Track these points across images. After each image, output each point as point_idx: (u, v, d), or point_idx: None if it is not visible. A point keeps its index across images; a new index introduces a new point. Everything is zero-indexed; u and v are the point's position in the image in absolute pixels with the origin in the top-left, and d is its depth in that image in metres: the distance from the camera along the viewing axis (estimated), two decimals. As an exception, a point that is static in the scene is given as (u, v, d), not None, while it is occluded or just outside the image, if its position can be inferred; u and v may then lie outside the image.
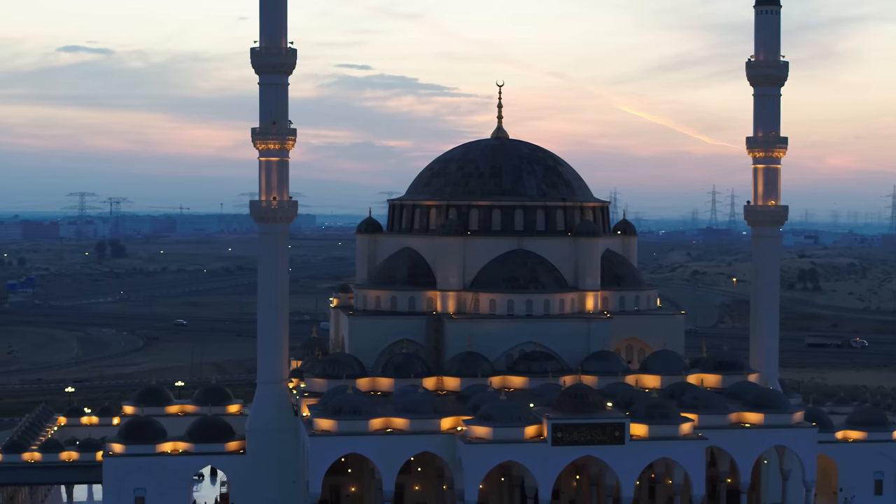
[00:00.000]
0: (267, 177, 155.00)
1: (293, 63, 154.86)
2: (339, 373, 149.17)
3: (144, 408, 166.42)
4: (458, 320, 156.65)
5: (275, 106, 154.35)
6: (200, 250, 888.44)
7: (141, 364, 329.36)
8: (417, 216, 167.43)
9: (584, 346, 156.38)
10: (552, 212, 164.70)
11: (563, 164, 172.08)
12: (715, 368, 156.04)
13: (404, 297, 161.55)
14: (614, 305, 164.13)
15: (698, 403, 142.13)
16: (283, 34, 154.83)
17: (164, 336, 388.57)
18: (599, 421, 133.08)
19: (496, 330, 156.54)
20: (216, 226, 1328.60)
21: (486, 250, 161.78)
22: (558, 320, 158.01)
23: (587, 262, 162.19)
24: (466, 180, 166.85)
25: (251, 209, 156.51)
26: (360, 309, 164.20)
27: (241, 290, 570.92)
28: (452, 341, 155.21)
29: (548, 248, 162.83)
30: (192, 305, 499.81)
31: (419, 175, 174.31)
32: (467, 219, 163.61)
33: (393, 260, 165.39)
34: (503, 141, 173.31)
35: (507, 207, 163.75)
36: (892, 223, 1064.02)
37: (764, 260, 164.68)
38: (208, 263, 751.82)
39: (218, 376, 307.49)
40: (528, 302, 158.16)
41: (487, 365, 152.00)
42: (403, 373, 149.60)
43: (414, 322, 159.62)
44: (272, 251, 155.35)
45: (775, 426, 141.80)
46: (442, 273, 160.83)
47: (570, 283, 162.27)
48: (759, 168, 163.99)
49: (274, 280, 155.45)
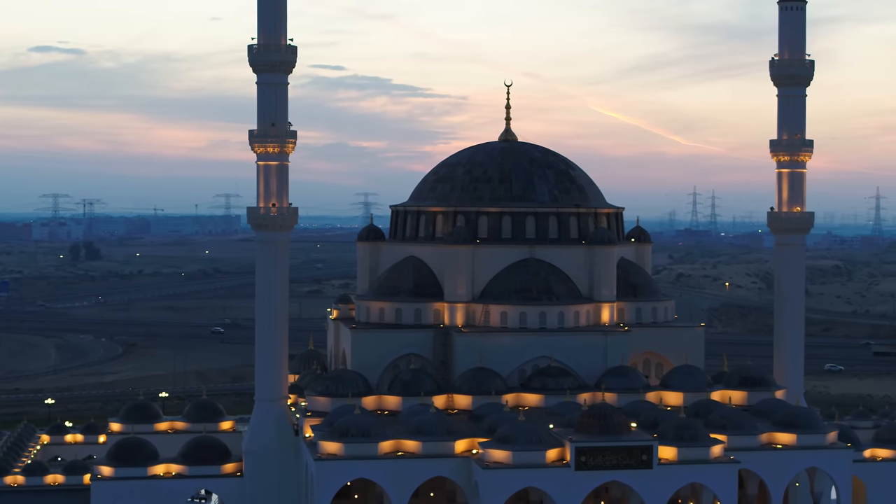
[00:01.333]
0: (265, 182, 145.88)
1: (293, 61, 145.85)
2: (344, 391, 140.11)
3: (132, 425, 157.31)
4: (467, 334, 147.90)
5: (274, 107, 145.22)
6: (176, 252, 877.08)
7: (121, 372, 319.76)
8: (422, 223, 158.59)
9: (600, 361, 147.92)
10: (565, 218, 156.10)
11: (575, 168, 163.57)
12: (740, 384, 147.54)
13: (409, 308, 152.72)
14: (630, 317, 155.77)
15: (727, 423, 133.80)
16: (282, 31, 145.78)
17: (142, 342, 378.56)
18: (625, 444, 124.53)
19: (508, 344, 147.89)
20: (191, 227, 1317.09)
21: (496, 259, 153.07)
22: (573, 334, 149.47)
23: (602, 272, 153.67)
24: (474, 185, 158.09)
25: (248, 216, 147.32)
26: (362, 321, 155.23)
27: (220, 293, 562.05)
28: (461, 356, 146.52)
29: (561, 256, 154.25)
30: (171, 310, 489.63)
31: (423, 180, 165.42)
32: (476, 226, 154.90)
33: (397, 269, 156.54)
34: (512, 144, 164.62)
35: (517, 214, 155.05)
36: (875, 225, 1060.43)
37: (789, 270, 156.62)
38: (185, 266, 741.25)
39: (202, 386, 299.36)
40: (541, 314, 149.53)
41: (500, 382, 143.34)
42: (412, 390, 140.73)
43: (420, 336, 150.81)
44: (271, 261, 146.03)
45: (809, 447, 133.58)
46: (450, 284, 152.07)
47: (584, 293, 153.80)
48: (784, 173, 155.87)
49: (273, 291, 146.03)
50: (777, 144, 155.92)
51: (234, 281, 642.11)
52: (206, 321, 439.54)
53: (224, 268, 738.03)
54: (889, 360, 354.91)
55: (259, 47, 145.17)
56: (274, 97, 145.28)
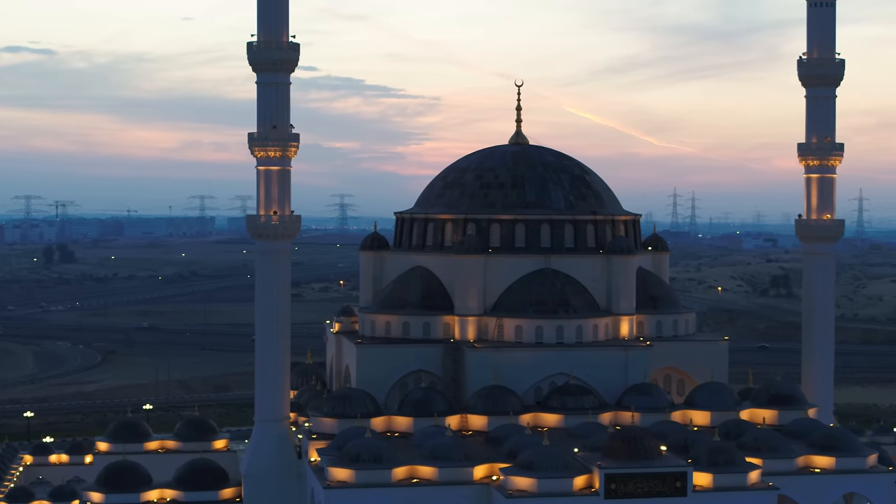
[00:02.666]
0: (266, 188, 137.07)
1: (296, 59, 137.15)
2: (352, 411, 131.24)
3: (120, 444, 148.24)
4: (480, 349, 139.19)
5: (275, 108, 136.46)
6: (151, 255, 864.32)
7: (101, 381, 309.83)
8: (430, 231, 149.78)
9: (621, 378, 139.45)
10: (582, 227, 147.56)
11: (591, 174, 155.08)
12: (769, 402, 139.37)
13: (417, 322, 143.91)
14: (650, 331, 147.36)
15: (761, 446, 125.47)
16: (283, 27, 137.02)
17: (121, 350, 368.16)
18: (658, 470, 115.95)
19: (523, 360, 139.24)
20: (165, 229, 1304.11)
21: (510, 270, 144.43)
22: (592, 349, 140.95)
23: (622, 283, 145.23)
24: (485, 192, 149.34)
25: (248, 225, 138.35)
26: (367, 336, 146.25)
27: (197, 297, 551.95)
28: (474, 373, 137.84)
29: (577, 267, 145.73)
30: (149, 315, 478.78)
31: (430, 185, 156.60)
32: (487, 234, 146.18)
33: (403, 281, 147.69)
34: (523, 147, 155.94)
35: (531, 222, 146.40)
36: (858, 227, 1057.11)
37: (818, 280, 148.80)
38: (160, 269, 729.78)
39: (187, 396, 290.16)
40: (558, 328, 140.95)
41: (517, 401, 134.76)
42: (424, 411, 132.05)
43: (429, 351, 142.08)
44: (273, 272, 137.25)
45: (848, 471, 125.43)
46: (460, 295, 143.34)
47: (601, 306, 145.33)
48: (813, 178, 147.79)
49: (275, 304, 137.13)
50: (806, 148, 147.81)
51: (212, 284, 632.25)
52: (186, 327, 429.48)
53: (201, 271, 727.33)
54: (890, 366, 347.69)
55: (259, 44, 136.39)
56: (275, 98, 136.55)
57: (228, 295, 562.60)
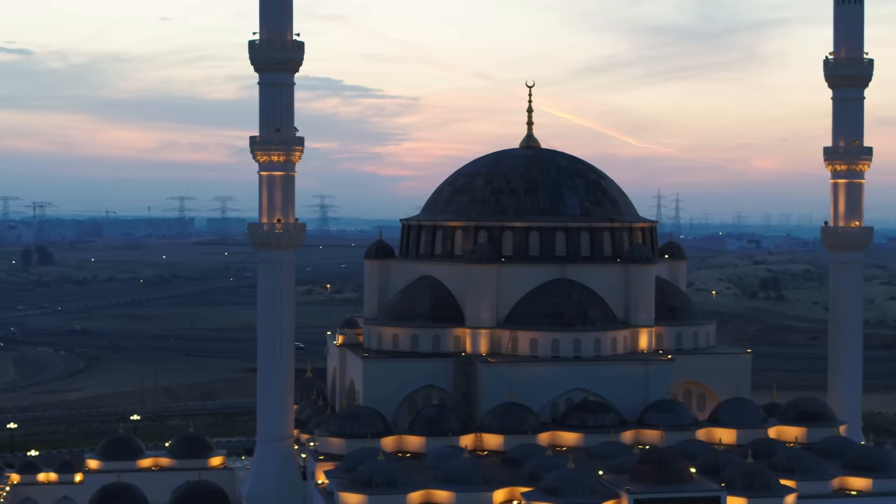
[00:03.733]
0: (269, 195, 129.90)
1: (300, 59, 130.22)
2: (361, 431, 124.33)
3: (111, 462, 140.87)
4: (494, 364, 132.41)
5: (279, 110, 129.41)
6: (130, 256, 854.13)
7: (85, 389, 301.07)
8: (439, 239, 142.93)
9: (641, 394, 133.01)
10: (598, 234, 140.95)
11: (606, 178, 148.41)
12: (797, 420, 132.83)
13: (427, 335, 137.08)
14: (670, 343, 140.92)
15: (794, 467, 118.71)
16: (287, 24, 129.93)
17: (104, 356, 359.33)
18: (691, 495, 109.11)
19: (539, 375, 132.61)
20: (144, 230, 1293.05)
21: (523, 280, 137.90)
22: (611, 363, 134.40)
23: (640, 293, 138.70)
24: (497, 197, 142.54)
25: (250, 233, 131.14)
26: (373, 349, 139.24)
27: (179, 300, 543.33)
28: (487, 389, 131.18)
29: (594, 276, 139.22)
30: (131, 319, 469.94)
31: (438, 190, 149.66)
32: (500, 243, 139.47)
33: (411, 291, 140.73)
34: (536, 151, 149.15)
35: (546, 229, 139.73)
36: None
37: (846, 290, 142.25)
38: (140, 271, 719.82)
39: (171, 404, 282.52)
40: (575, 341, 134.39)
41: (534, 419, 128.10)
42: (437, 430, 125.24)
43: (439, 365, 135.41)
44: (276, 283, 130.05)
45: (886, 493, 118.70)
46: (471, 307, 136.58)
47: (619, 317, 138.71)
48: (840, 183, 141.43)
49: (278, 318, 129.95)
50: (833, 153, 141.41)
51: (193, 287, 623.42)
52: (170, 331, 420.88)
53: (181, 273, 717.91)
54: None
55: (262, 43, 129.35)
56: (279, 99, 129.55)
57: (211, 298, 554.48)
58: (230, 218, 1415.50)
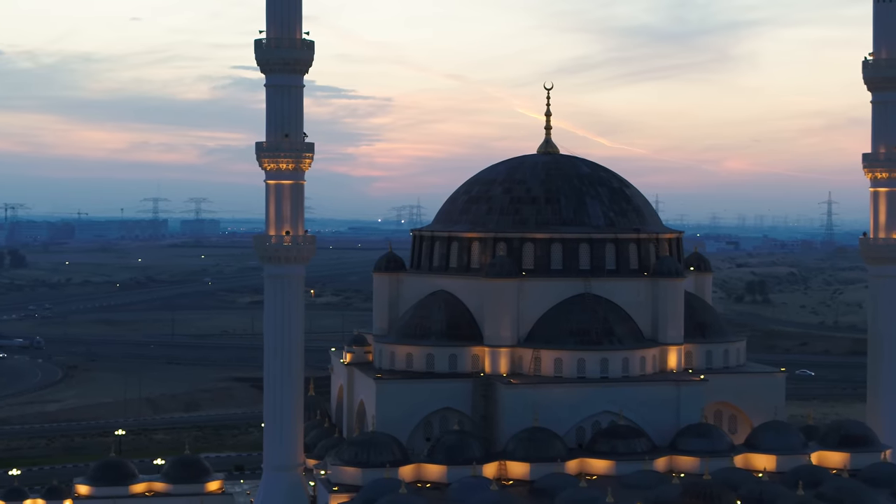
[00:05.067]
0: (277, 205, 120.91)
1: (310, 59, 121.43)
2: (378, 459, 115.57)
3: (103, 488, 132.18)
4: (517, 385, 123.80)
5: (287, 114, 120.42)
6: (104, 259, 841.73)
7: (64, 400, 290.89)
8: (454, 251, 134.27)
9: (672, 417, 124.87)
10: (623, 246, 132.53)
11: (630, 187, 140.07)
12: (840, 444, 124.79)
13: (443, 354, 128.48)
14: (699, 362, 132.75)
15: (844, 497, 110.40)
16: (296, 22, 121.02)
17: (83, 364, 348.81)
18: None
19: (564, 397, 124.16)
20: (117, 232, 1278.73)
21: (546, 295, 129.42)
22: (641, 384, 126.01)
23: (669, 309, 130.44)
24: (516, 207, 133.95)
25: (256, 246, 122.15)
26: (385, 369, 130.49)
27: (157, 305, 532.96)
28: (509, 412, 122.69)
29: (620, 291, 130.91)
30: (108, 324, 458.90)
31: (451, 199, 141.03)
32: (520, 255, 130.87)
33: (425, 307, 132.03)
34: (555, 157, 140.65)
35: (569, 241, 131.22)
36: (827, 230, 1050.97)
37: (887, 305, 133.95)
38: (115, 274, 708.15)
39: (154, 416, 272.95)
40: (602, 361, 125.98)
41: (561, 445, 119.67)
42: (458, 457, 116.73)
43: (456, 387, 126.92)
44: (284, 300, 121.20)
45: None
46: (490, 324, 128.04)
47: (646, 334, 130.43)
48: (882, 192, 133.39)
49: (286, 337, 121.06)
50: (873, 159, 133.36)
51: (170, 291, 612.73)
52: (149, 338, 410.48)
53: (157, 276, 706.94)
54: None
55: (269, 42, 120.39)
56: (287, 102, 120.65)
57: (189, 302, 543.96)
58: (204, 219, 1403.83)
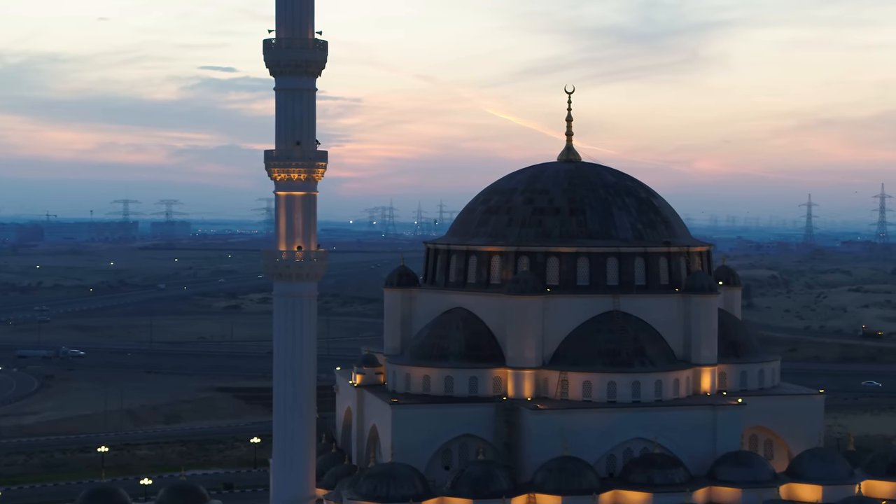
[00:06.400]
0: (288, 218, 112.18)
1: (323, 60, 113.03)
2: (398, 493, 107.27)
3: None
4: (544, 411, 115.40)
5: (299, 120, 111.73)
6: (75, 262, 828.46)
7: (41, 413, 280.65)
8: (472, 266, 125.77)
9: (708, 444, 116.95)
10: (653, 260, 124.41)
11: (657, 197, 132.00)
12: (888, 473, 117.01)
13: (462, 377, 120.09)
14: (734, 383, 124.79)
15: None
16: (308, 20, 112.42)
17: (59, 373, 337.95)
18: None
19: (594, 423, 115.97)
20: (86, 234, 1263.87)
21: (572, 313, 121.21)
22: (676, 408, 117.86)
23: (702, 327, 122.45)
24: (539, 218, 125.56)
25: (265, 262, 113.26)
26: (400, 392, 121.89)
27: (131, 310, 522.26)
28: (535, 439, 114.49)
29: (650, 308, 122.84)
30: (83, 331, 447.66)
31: (467, 210, 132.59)
32: (544, 270, 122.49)
33: (442, 326, 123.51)
34: (577, 165, 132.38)
35: (596, 255, 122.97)
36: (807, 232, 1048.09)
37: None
38: (87, 278, 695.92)
39: (136, 429, 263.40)
40: (634, 384, 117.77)
41: (593, 476, 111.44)
42: (485, 490, 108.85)
43: (478, 412, 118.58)
44: (296, 321, 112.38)
45: None
46: (513, 344, 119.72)
47: (677, 354, 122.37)
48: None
49: (298, 362, 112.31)
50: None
51: (144, 295, 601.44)
52: (127, 346, 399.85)
53: (129, 279, 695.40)
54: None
55: (279, 42, 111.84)
56: (299, 107, 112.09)
57: (165, 307, 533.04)
58: (175, 221, 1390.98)
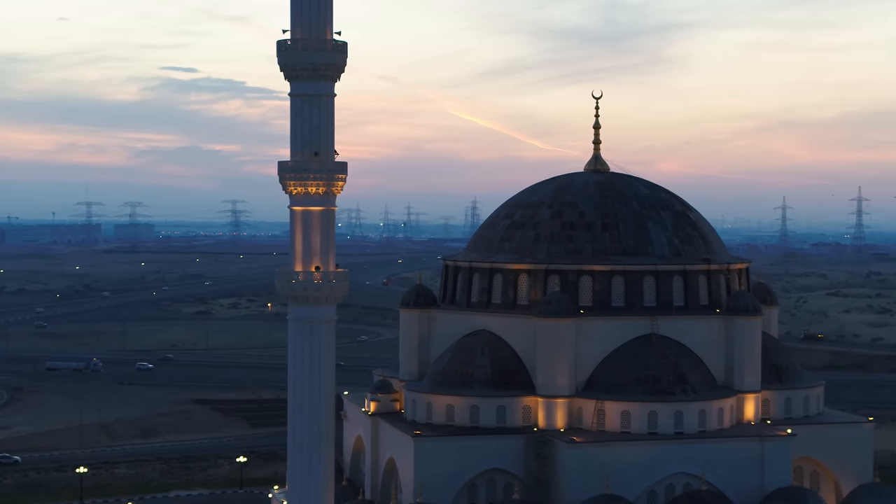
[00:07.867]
0: (304, 235, 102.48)
1: (343, 63, 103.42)
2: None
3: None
4: (579, 444, 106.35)
5: (317, 129, 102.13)
6: (38, 266, 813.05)
7: (13, 427, 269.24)
8: (497, 285, 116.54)
9: (756, 478, 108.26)
10: (693, 279, 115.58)
11: (693, 210, 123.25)
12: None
13: (489, 406, 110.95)
14: (777, 411, 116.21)
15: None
16: (327, 21, 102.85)
17: (28, 385, 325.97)
18: None
19: (634, 457, 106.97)
20: (49, 236, 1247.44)
21: (607, 336, 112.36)
22: (721, 440, 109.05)
23: (746, 352, 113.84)
24: (569, 234, 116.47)
25: (279, 283, 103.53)
26: (421, 422, 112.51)
27: (98, 315, 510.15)
28: (570, 474, 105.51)
29: (690, 331, 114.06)
30: (50, 338, 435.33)
31: (488, 224, 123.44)
32: (576, 290, 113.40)
33: (467, 350, 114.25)
34: (607, 176, 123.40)
35: (632, 274, 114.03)
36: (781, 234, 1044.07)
37: None
38: (52, 282, 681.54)
39: (112, 445, 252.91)
40: (677, 414, 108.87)
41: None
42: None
43: (506, 444, 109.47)
44: (313, 349, 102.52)
45: None
46: (544, 371, 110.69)
47: (718, 381, 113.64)
48: None
49: (316, 393, 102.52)
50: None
51: (112, 300, 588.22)
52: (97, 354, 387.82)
53: (95, 284, 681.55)
54: None
55: (294, 44, 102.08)
56: (317, 114, 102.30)
57: (133, 313, 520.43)
58: (139, 223, 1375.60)
